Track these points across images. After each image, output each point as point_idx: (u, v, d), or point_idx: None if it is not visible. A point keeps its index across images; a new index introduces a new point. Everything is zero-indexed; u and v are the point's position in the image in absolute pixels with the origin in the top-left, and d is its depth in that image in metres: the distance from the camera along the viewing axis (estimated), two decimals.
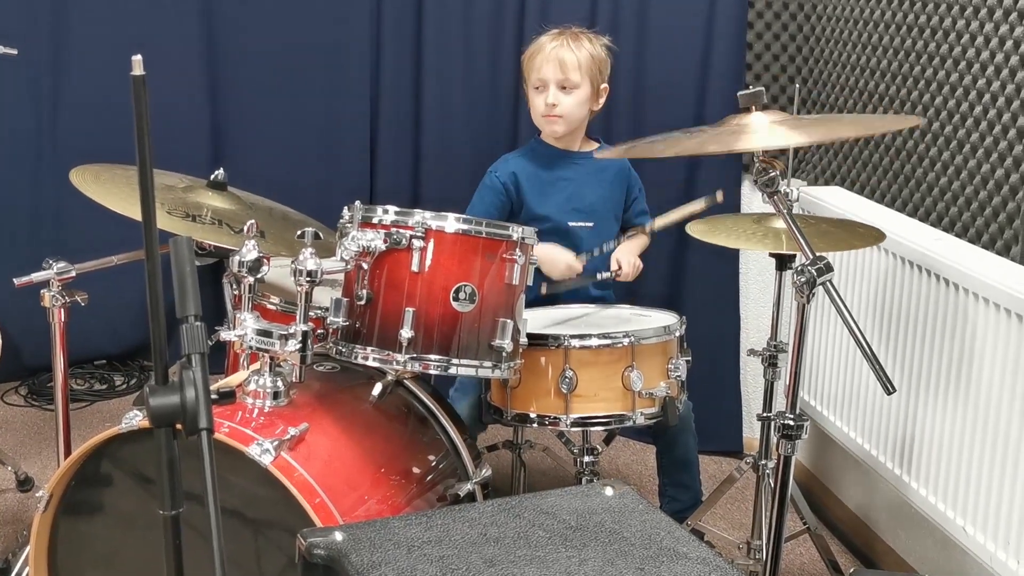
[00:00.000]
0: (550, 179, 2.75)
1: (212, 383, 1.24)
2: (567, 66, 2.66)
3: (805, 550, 2.88)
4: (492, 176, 2.76)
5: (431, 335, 2.06)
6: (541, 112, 2.71)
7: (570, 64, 2.66)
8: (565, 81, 2.67)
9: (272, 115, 3.57)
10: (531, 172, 2.76)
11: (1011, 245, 2.40)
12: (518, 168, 2.75)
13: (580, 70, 2.67)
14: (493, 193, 2.73)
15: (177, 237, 1.24)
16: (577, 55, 2.67)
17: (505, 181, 2.73)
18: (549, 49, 2.68)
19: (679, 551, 1.53)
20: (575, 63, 2.67)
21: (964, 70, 2.57)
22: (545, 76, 2.68)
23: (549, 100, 2.68)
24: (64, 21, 3.44)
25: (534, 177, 2.75)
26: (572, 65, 2.67)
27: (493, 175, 2.76)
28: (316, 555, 1.49)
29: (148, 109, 1.14)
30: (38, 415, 3.51)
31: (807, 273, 1.91)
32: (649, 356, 2.34)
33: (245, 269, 1.99)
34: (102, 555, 2.01)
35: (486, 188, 2.76)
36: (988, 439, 2.25)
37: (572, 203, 2.74)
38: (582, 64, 2.67)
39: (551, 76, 2.67)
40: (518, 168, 2.75)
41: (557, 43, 2.69)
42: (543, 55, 2.69)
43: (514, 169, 2.75)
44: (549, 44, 2.70)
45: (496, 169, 2.78)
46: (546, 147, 2.79)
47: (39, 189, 3.54)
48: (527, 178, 2.74)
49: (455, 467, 2.25)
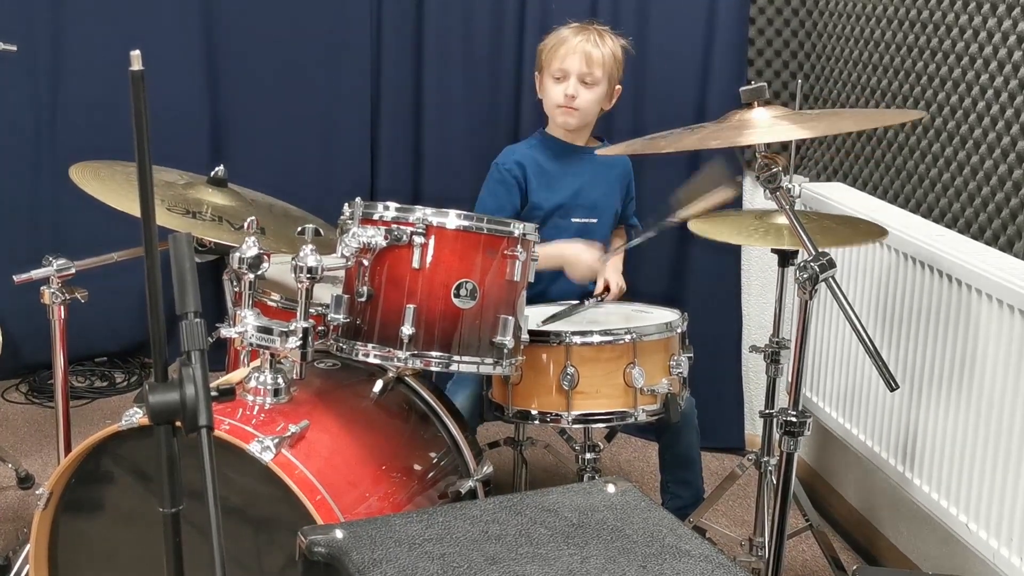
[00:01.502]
0: (557, 173, 2.74)
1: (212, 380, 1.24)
2: (592, 61, 2.67)
3: (808, 547, 2.87)
4: (501, 169, 2.73)
5: (432, 332, 2.05)
6: (558, 102, 2.70)
7: (595, 59, 2.67)
8: (588, 75, 2.68)
9: (273, 111, 3.57)
10: (538, 164, 2.75)
11: (1014, 241, 2.39)
12: (525, 159, 2.74)
13: (603, 67, 2.68)
14: (505, 187, 2.71)
15: (176, 234, 1.24)
16: (602, 51, 2.68)
17: (515, 172, 2.71)
18: (575, 42, 2.69)
19: (681, 548, 1.52)
20: (600, 59, 2.67)
21: (967, 65, 2.56)
22: (568, 67, 2.68)
23: (569, 91, 2.67)
24: (63, 18, 3.44)
25: (540, 169, 2.74)
26: (597, 60, 2.67)
27: (502, 168, 2.74)
28: (317, 553, 1.49)
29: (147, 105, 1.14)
30: (39, 412, 3.51)
31: (810, 269, 1.90)
32: (651, 353, 2.33)
33: (245, 266, 1.98)
34: (102, 553, 2.00)
35: (496, 183, 2.73)
36: (991, 435, 2.24)
37: (578, 198, 2.74)
38: (605, 61, 2.68)
39: (575, 68, 2.67)
40: (525, 159, 2.74)
41: (583, 37, 2.69)
42: (568, 46, 2.69)
43: (521, 159, 2.74)
44: (575, 37, 2.70)
45: (504, 162, 2.75)
46: (553, 140, 2.78)
47: (39, 186, 3.54)
48: (534, 170, 2.73)
49: (456, 464, 2.24)
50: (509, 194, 2.71)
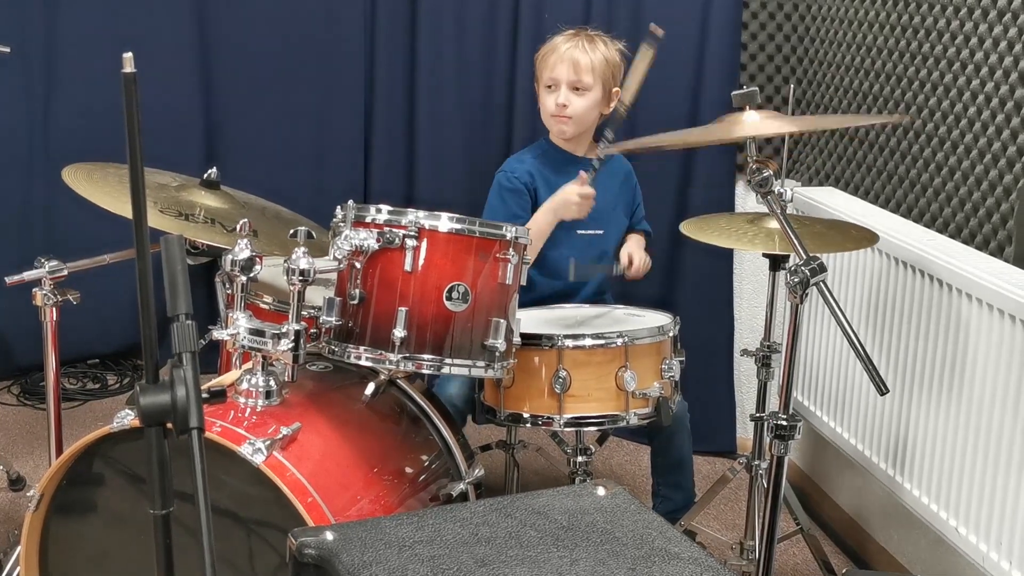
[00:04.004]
0: (561, 183, 2.71)
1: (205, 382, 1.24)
2: (580, 67, 2.66)
3: (798, 550, 2.88)
4: (511, 177, 2.72)
5: (424, 335, 2.06)
6: (551, 112, 2.70)
7: (583, 66, 2.66)
8: (577, 82, 2.67)
9: (266, 114, 3.57)
10: (544, 175, 2.73)
11: (1004, 246, 2.40)
12: (533, 169, 2.73)
13: (593, 72, 2.67)
14: (516, 195, 2.69)
15: (168, 236, 1.24)
16: (591, 57, 2.66)
17: (526, 180, 2.70)
18: (564, 49, 2.68)
19: (671, 551, 1.53)
20: (588, 65, 2.66)
21: (958, 71, 2.58)
22: (557, 76, 2.68)
23: (560, 100, 2.67)
24: (57, 20, 3.43)
25: (546, 180, 2.72)
26: (585, 67, 2.66)
27: (511, 176, 2.72)
28: (307, 555, 1.49)
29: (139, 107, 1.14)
30: (31, 414, 3.51)
31: (800, 273, 1.91)
32: (643, 356, 2.33)
33: (238, 268, 1.98)
34: (93, 555, 2.00)
35: (507, 191, 2.71)
36: (981, 440, 2.25)
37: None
38: (595, 67, 2.67)
39: (563, 76, 2.67)
40: (533, 169, 2.73)
41: (572, 44, 2.68)
42: (557, 55, 2.68)
43: (530, 170, 2.73)
44: (564, 44, 2.69)
45: (513, 170, 2.74)
46: (556, 150, 2.78)
47: (31, 187, 3.53)
48: (541, 181, 2.72)
49: (448, 467, 2.24)
50: (521, 200, 2.69)
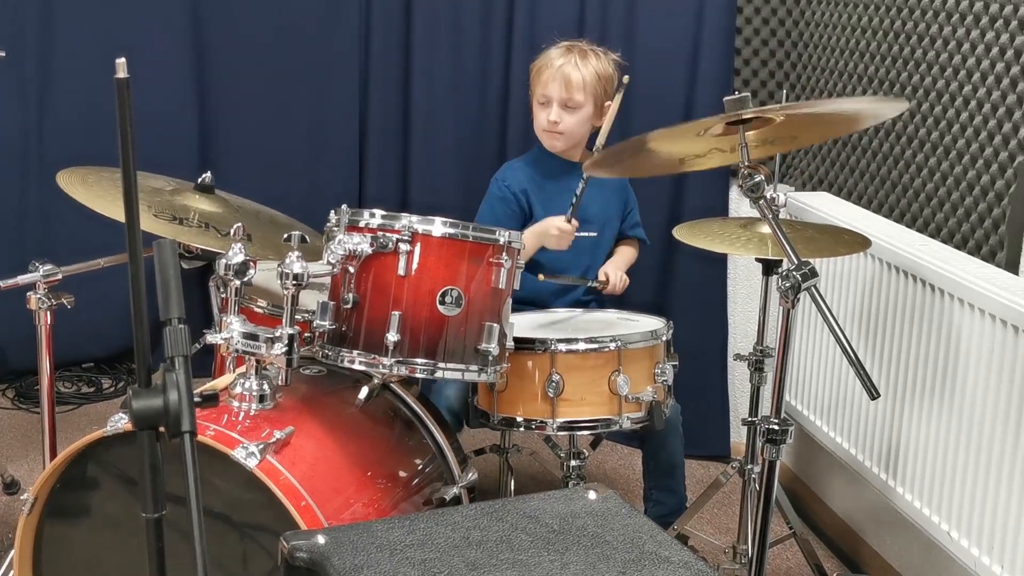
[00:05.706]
0: (557, 189, 2.76)
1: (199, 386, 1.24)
2: (572, 86, 2.68)
3: (791, 554, 2.88)
4: (501, 185, 2.77)
5: (417, 339, 2.06)
6: (543, 127, 2.74)
7: (575, 84, 2.68)
8: (569, 100, 2.69)
9: (260, 119, 3.57)
10: (538, 182, 2.78)
11: (996, 251, 2.41)
12: (526, 177, 2.78)
13: (584, 90, 2.69)
14: (504, 203, 2.75)
15: (161, 240, 1.25)
16: (583, 73, 2.68)
17: (516, 190, 2.75)
18: (557, 66, 2.70)
19: (661, 555, 1.54)
20: (580, 83, 2.68)
21: (950, 76, 2.59)
22: (549, 93, 2.70)
23: (551, 117, 2.70)
24: (52, 24, 3.44)
25: (541, 187, 2.77)
26: (577, 85, 2.68)
27: (502, 184, 2.77)
28: (298, 558, 1.49)
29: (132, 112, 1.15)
30: (25, 418, 3.51)
31: (792, 278, 1.91)
32: (636, 360, 2.34)
33: (232, 272, 1.99)
34: (87, 558, 2.00)
35: (496, 198, 2.76)
36: (972, 444, 2.26)
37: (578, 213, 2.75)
38: (587, 84, 2.69)
39: (555, 94, 2.69)
40: (526, 177, 2.78)
41: (565, 60, 2.70)
42: (551, 71, 2.70)
43: (522, 178, 2.77)
44: (558, 60, 2.71)
45: (505, 178, 2.79)
46: (551, 157, 2.80)
47: (26, 191, 3.54)
48: (535, 188, 2.76)
49: (441, 471, 2.25)
50: (508, 210, 2.74)
